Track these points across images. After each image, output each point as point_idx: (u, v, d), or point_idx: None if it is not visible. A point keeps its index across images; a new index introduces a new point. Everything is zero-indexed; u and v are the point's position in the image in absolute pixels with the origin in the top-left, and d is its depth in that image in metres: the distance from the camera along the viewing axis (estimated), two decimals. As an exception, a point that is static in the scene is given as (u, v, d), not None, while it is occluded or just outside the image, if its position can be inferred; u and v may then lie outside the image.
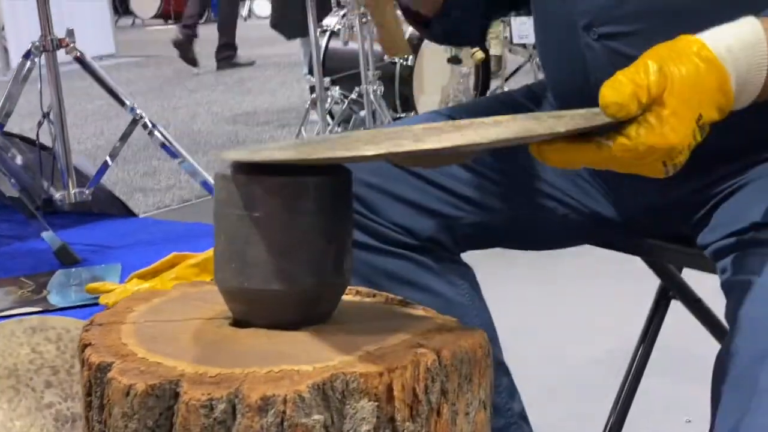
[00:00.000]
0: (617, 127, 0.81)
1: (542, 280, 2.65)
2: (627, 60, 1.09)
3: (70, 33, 2.71)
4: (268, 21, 5.71)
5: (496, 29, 5.14)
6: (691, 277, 1.60)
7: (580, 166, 0.85)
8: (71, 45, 2.70)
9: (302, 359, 0.81)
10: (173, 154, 2.85)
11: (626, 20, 1.09)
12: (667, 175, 0.84)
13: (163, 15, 12.27)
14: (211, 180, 2.82)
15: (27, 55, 2.71)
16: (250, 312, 0.89)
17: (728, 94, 0.84)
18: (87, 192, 2.75)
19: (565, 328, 2.37)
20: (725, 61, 0.84)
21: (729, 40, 0.86)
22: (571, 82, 1.16)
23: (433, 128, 1.00)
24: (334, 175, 0.89)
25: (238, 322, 0.91)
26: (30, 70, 2.77)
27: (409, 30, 4.35)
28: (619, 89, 0.80)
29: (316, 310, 0.90)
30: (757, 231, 0.99)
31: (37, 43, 2.67)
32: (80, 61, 2.76)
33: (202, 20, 8.78)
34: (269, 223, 0.86)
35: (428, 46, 4.53)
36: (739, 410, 0.82)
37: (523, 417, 1.33)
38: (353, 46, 4.41)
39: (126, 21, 12.74)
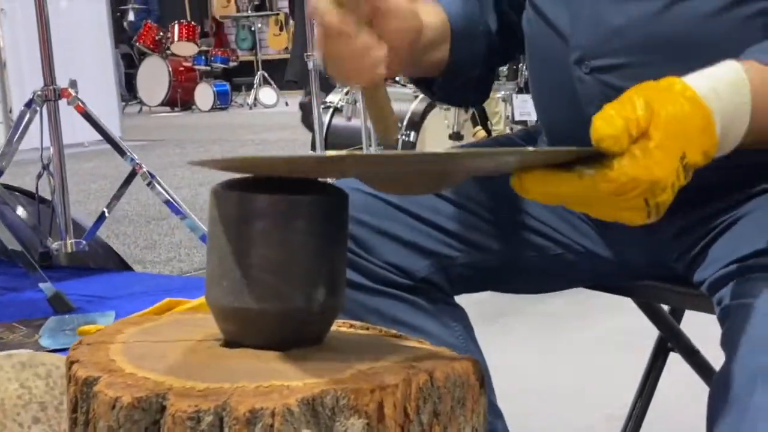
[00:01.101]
0: (600, 159, 0.80)
1: (540, 348, 2.63)
2: (619, 93, 1.08)
3: (73, 84, 2.73)
4: (272, 109, 5.80)
5: (498, 107, 5.18)
6: (691, 330, 1.60)
7: (561, 200, 0.83)
8: (73, 95, 2.72)
9: (292, 376, 0.79)
10: (176, 209, 2.85)
11: (618, 53, 1.09)
12: (648, 218, 0.82)
13: (170, 103, 12.44)
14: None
15: (29, 104, 2.72)
16: (242, 332, 0.88)
17: (713, 136, 0.83)
18: (84, 243, 2.75)
19: (563, 394, 2.34)
20: (710, 102, 0.84)
21: (713, 82, 0.86)
22: (563, 116, 1.16)
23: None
24: (328, 194, 0.88)
25: (229, 344, 0.90)
26: (30, 120, 2.79)
27: (411, 108, 4.41)
28: (611, 122, 0.79)
29: (308, 332, 0.89)
30: (751, 260, 0.99)
31: (39, 92, 2.68)
32: (82, 111, 2.77)
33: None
34: (262, 240, 0.85)
35: (430, 123, 4.56)
36: (735, 429, 0.81)
37: None
38: (356, 122, 4.45)
39: (133, 108, 12.90)
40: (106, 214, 2.85)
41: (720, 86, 0.86)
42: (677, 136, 0.80)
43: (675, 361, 1.64)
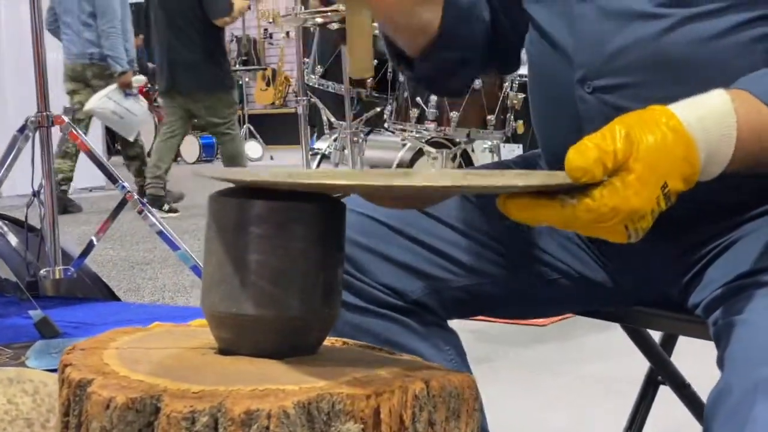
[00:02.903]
0: (582, 188, 0.83)
1: (526, 392, 2.62)
2: (619, 112, 1.09)
3: (66, 111, 2.73)
4: (258, 162, 5.92)
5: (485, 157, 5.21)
6: (681, 364, 1.60)
7: (543, 224, 0.86)
8: (66, 122, 2.72)
9: (287, 380, 0.79)
10: (169, 241, 2.85)
11: (621, 73, 1.10)
12: (629, 240, 0.84)
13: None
14: (200, 265, 2.82)
15: (22, 130, 2.72)
16: (237, 339, 0.87)
17: (694, 165, 0.85)
18: (72, 270, 2.74)
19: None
20: (695, 131, 0.86)
21: (700, 111, 0.88)
22: (564, 136, 1.16)
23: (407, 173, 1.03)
24: (326, 203, 0.88)
25: (224, 352, 0.89)
26: (20, 149, 2.78)
27: (398, 156, 4.44)
28: (584, 153, 0.82)
29: (303, 340, 0.89)
30: (748, 278, 0.99)
31: (33, 119, 2.68)
32: (74, 138, 2.77)
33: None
34: (261, 247, 0.85)
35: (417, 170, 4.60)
36: None
37: None
38: (344, 168, 4.48)
39: (118, 158, 12.98)
40: (95, 243, 2.84)
41: (706, 115, 0.88)
42: (658, 167, 0.83)
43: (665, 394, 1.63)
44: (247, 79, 14.02)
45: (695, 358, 1.73)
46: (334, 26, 4.72)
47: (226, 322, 0.87)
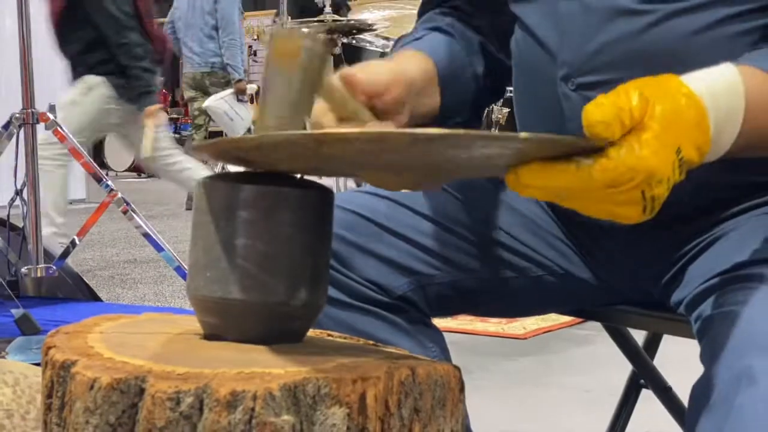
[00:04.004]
0: (597, 151, 0.80)
1: (507, 403, 2.63)
2: None
3: (52, 108, 2.72)
4: None
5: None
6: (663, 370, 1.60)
7: (557, 194, 0.82)
8: (51, 119, 2.71)
9: (273, 365, 0.79)
10: (155, 243, 2.84)
11: (604, 70, 1.10)
12: (643, 214, 0.81)
13: (137, 169, 12.48)
14: (185, 266, 2.81)
15: (6, 126, 2.71)
16: (223, 324, 0.87)
17: (706, 133, 0.84)
18: (54, 268, 2.72)
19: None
20: (705, 100, 0.84)
21: (709, 82, 0.87)
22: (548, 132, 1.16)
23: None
24: (314, 189, 0.88)
25: (209, 338, 0.89)
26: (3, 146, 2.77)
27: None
28: (603, 109, 0.79)
29: (289, 327, 0.88)
30: (730, 273, 0.99)
31: (18, 115, 2.67)
32: (59, 136, 2.76)
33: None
34: (249, 231, 0.85)
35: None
36: (717, 430, 0.81)
37: None
38: (328, 181, 4.48)
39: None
40: (77, 242, 2.83)
41: (715, 87, 0.86)
42: (673, 129, 0.80)
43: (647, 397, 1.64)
44: (230, 96, 14.01)
45: (677, 365, 1.74)
46: (321, 37, 4.72)
47: (212, 307, 0.87)
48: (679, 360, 1.68)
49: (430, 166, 0.85)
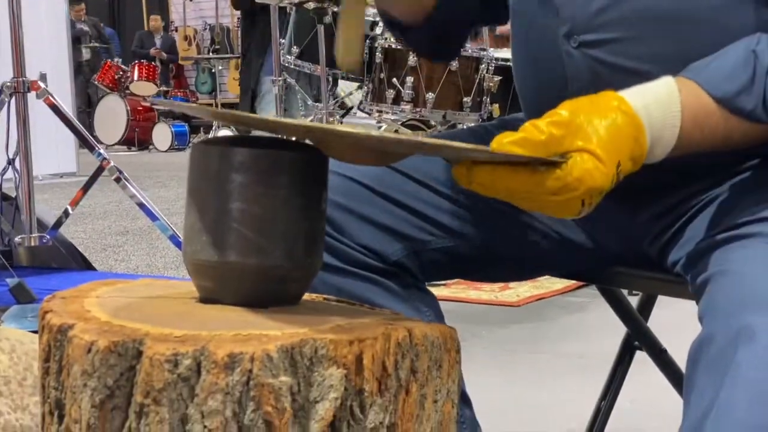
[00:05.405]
0: (550, 163, 0.88)
1: (500, 370, 2.63)
2: (606, 68, 1.10)
3: (43, 77, 2.70)
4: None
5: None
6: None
7: (500, 193, 0.90)
8: (43, 88, 2.69)
9: (270, 327, 0.79)
10: (149, 212, 2.83)
11: (607, 28, 1.09)
12: (579, 215, 0.90)
13: (127, 142, 12.43)
14: (179, 235, 2.82)
15: (-4, 95, 2.70)
16: (220, 288, 0.87)
17: (642, 146, 0.92)
18: (48, 238, 2.72)
19: (525, 412, 2.34)
20: (642, 116, 0.92)
21: (646, 98, 0.94)
22: (548, 92, 1.15)
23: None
24: (308, 152, 0.88)
25: (206, 302, 0.89)
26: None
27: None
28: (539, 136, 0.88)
29: (285, 290, 0.88)
30: (727, 232, 1.00)
31: (9, 84, 2.66)
32: (51, 105, 2.75)
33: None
34: (243, 195, 0.85)
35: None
36: (714, 388, 0.81)
37: None
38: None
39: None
40: (70, 211, 2.82)
41: (651, 103, 0.94)
42: (614, 144, 0.89)
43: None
44: (220, 68, 13.96)
45: (670, 330, 1.75)
46: (311, 5, 4.68)
47: (208, 271, 0.87)
48: (673, 326, 1.69)
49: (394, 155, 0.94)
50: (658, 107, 0.94)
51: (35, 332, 2.04)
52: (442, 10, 1.24)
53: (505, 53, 4.44)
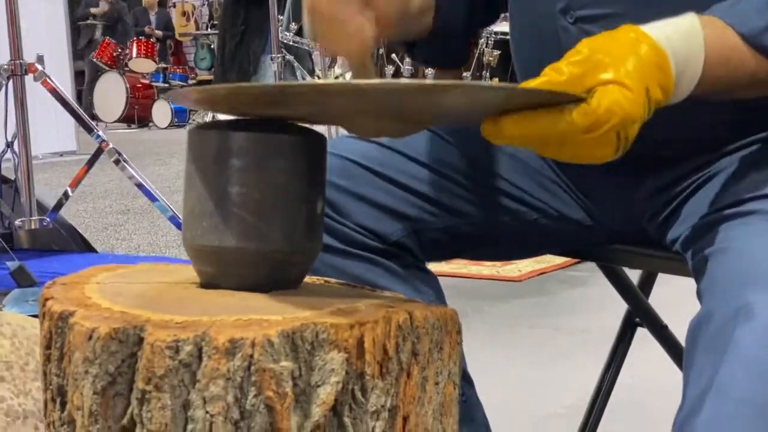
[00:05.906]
0: (572, 101, 0.84)
1: (502, 344, 2.64)
2: None
3: (40, 59, 2.69)
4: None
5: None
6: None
7: (537, 140, 0.85)
8: (40, 70, 2.68)
9: (271, 311, 0.79)
10: (148, 193, 2.83)
11: (604, 3, 1.09)
12: (616, 153, 0.86)
13: (127, 119, 12.37)
14: (179, 215, 2.82)
15: (-6, 78, 2.69)
16: (220, 273, 0.87)
17: (668, 75, 0.88)
18: (48, 220, 2.72)
19: (526, 386, 2.35)
20: (663, 45, 0.88)
21: (667, 30, 0.90)
22: (545, 67, 1.15)
23: None
24: (307, 135, 0.88)
25: (206, 287, 0.89)
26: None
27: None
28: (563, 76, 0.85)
29: (286, 274, 0.88)
30: (722, 211, 0.99)
31: (6, 66, 2.65)
32: (49, 87, 2.74)
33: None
34: (242, 179, 0.85)
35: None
36: (713, 366, 0.81)
37: (488, 428, 1.31)
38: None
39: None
40: (70, 193, 2.82)
41: (673, 34, 0.90)
42: (639, 72, 0.85)
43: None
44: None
45: (671, 307, 1.75)
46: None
47: (209, 256, 0.87)
48: (674, 304, 1.69)
49: (407, 114, 0.87)
50: (680, 38, 0.90)
51: (36, 316, 2.05)
52: (443, 21, 1.24)
53: (504, 27, 4.43)
